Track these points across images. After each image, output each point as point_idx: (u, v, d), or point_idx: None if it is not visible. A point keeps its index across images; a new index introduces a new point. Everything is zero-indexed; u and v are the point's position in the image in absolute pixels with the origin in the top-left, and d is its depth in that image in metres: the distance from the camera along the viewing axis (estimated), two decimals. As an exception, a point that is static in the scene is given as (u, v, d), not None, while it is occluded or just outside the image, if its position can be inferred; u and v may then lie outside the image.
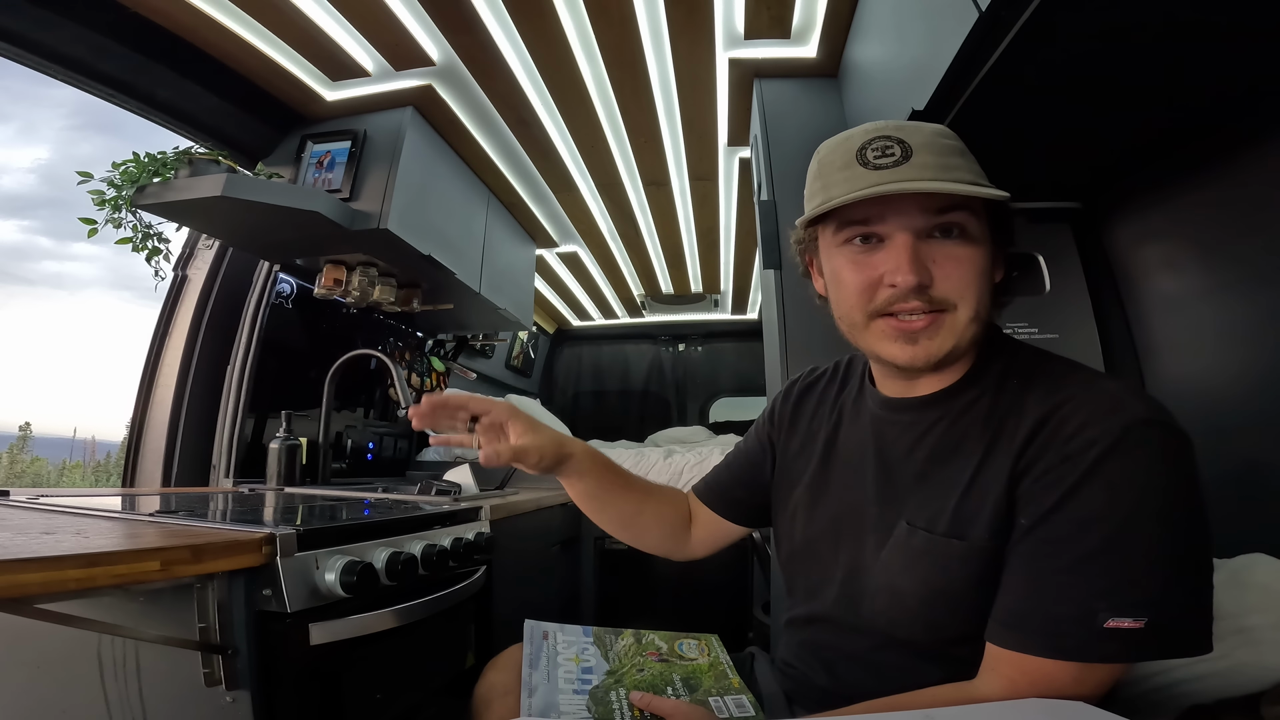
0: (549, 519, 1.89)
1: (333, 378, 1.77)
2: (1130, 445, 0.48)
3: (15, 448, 6.57)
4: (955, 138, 0.58)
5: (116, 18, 1.30)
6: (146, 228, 1.39)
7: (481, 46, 1.48)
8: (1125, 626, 0.45)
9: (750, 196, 2.15)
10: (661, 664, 0.73)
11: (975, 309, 0.56)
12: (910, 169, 0.54)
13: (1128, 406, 0.50)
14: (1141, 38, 0.79)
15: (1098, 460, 0.48)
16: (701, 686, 0.70)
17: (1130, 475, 0.48)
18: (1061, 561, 0.48)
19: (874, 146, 0.56)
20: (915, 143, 0.55)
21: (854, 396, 0.72)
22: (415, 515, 1.05)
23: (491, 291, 2.17)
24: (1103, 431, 0.49)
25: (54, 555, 0.52)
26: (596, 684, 0.69)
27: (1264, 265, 0.95)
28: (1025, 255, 1.34)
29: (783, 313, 1.38)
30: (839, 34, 1.43)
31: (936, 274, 0.55)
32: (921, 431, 0.61)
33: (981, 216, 0.56)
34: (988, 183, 0.55)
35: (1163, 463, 0.48)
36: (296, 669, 0.74)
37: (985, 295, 0.56)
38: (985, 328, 0.58)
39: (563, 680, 0.69)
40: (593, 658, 0.73)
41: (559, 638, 0.76)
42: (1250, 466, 0.96)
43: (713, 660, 0.75)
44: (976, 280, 0.55)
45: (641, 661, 0.73)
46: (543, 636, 0.75)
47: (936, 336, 0.56)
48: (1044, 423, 0.52)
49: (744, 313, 3.73)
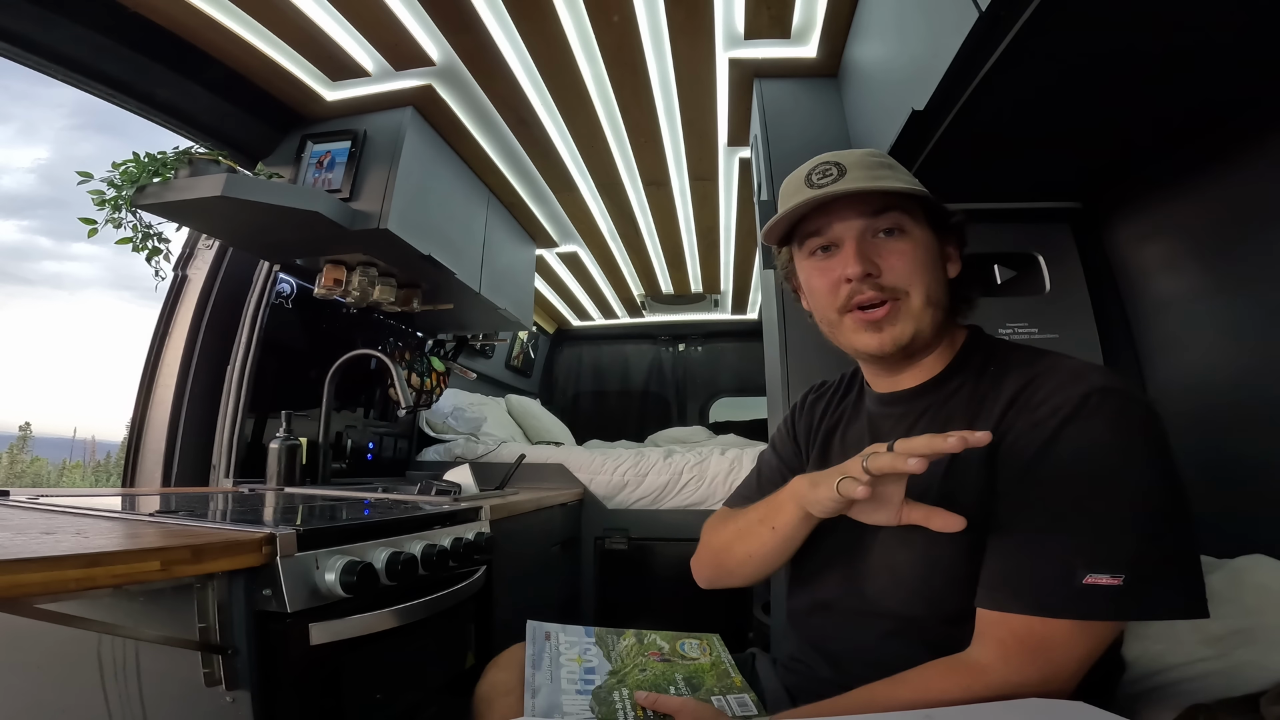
0: (549, 519, 1.89)
1: (333, 378, 1.77)
2: (1090, 410, 0.52)
3: (15, 448, 6.58)
4: (885, 156, 0.68)
5: (117, 18, 1.30)
6: (146, 228, 1.39)
7: (481, 46, 1.48)
8: (1104, 583, 0.48)
9: (750, 196, 2.15)
10: (664, 664, 0.73)
11: (925, 294, 0.64)
12: (844, 183, 0.64)
13: (1088, 378, 0.55)
14: (1141, 37, 0.79)
15: (1061, 424, 0.53)
16: (704, 686, 0.70)
17: (1091, 437, 0.52)
18: (1036, 522, 0.52)
19: (817, 170, 0.67)
20: (849, 162, 0.65)
21: (854, 399, 0.79)
22: (415, 515, 1.05)
23: (491, 291, 2.17)
24: (1065, 399, 0.54)
25: (54, 555, 0.52)
26: (599, 684, 0.69)
27: (1264, 265, 0.94)
28: (1025, 255, 1.34)
29: (783, 313, 1.38)
30: (839, 34, 1.44)
31: (884, 266, 0.64)
32: (913, 420, 0.67)
33: (918, 217, 0.66)
34: (915, 187, 0.65)
35: (1123, 426, 0.52)
36: (296, 669, 0.74)
37: (935, 283, 0.65)
38: (946, 314, 0.67)
39: (565, 680, 0.69)
40: (595, 658, 0.73)
41: (561, 638, 0.76)
42: (1250, 466, 0.96)
43: (714, 660, 0.75)
44: (920, 269, 0.64)
45: (644, 661, 0.73)
46: (545, 637, 0.75)
47: (897, 322, 0.64)
48: (1016, 397, 0.58)
49: (744, 313, 3.73)
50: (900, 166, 0.69)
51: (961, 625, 0.56)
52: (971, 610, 0.56)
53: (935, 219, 0.67)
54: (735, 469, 2.20)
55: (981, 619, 0.54)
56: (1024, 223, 1.33)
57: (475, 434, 2.59)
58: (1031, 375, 0.58)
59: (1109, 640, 0.52)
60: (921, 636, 0.60)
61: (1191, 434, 1.04)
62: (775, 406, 1.42)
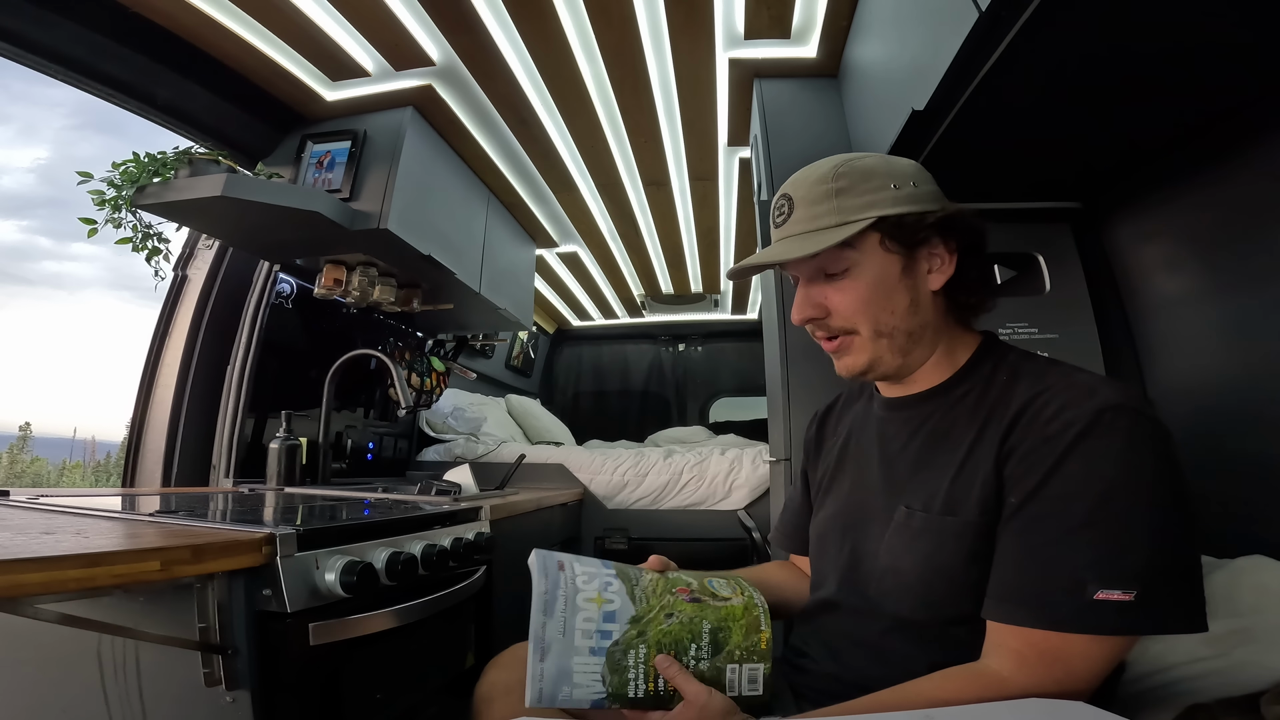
0: (549, 519, 1.89)
1: (333, 378, 1.77)
2: (1104, 427, 0.52)
3: (15, 448, 6.58)
4: (836, 178, 0.64)
5: (117, 18, 1.30)
6: (146, 228, 1.39)
7: (481, 47, 1.48)
8: (1115, 599, 0.48)
9: (750, 196, 2.15)
10: (693, 605, 0.63)
11: (873, 328, 0.64)
12: (789, 226, 0.65)
13: (1101, 393, 0.55)
14: (1141, 37, 0.79)
15: (1074, 440, 0.53)
16: (730, 643, 0.62)
17: (1104, 453, 0.52)
18: (1048, 536, 0.52)
19: (775, 206, 0.68)
20: (797, 197, 0.65)
21: (865, 407, 0.79)
22: (415, 515, 1.05)
23: (491, 291, 2.17)
24: (1078, 414, 0.54)
25: (54, 555, 0.52)
26: (617, 639, 0.60)
27: (1264, 265, 0.94)
28: (1025, 255, 1.34)
29: (783, 313, 1.38)
30: (839, 34, 1.44)
31: (830, 307, 0.65)
32: (918, 424, 0.67)
33: (872, 244, 0.64)
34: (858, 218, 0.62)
35: (1135, 443, 0.52)
36: (296, 669, 0.74)
37: (885, 312, 0.64)
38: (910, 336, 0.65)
39: (580, 634, 0.59)
40: (617, 596, 0.62)
41: (576, 569, 0.63)
42: (1250, 466, 0.96)
43: (747, 602, 0.65)
44: (863, 307, 0.64)
45: (671, 602, 0.63)
46: (558, 568, 0.62)
47: (850, 354, 0.67)
48: (1026, 408, 0.58)
49: (744, 313, 3.73)
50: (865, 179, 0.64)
51: (960, 626, 0.57)
52: (970, 614, 0.56)
53: (899, 235, 0.63)
54: (735, 469, 2.20)
55: (995, 631, 0.55)
56: (1024, 223, 1.33)
57: (475, 434, 2.59)
58: (1042, 387, 0.58)
59: (1125, 651, 0.53)
60: (921, 635, 0.61)
61: (1191, 434, 1.04)
62: (775, 406, 1.42)
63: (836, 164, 0.65)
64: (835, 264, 0.64)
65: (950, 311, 0.67)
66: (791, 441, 1.31)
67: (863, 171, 0.64)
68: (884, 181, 0.64)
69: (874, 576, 0.65)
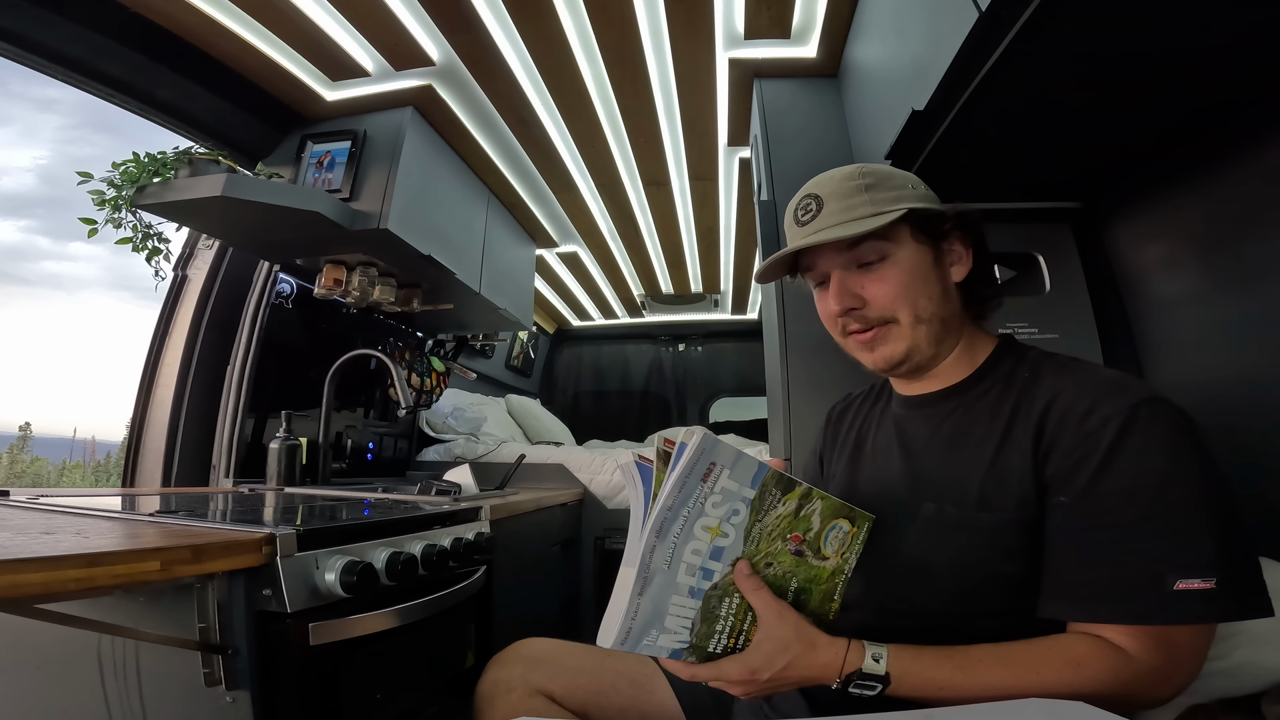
0: (549, 519, 1.89)
1: (333, 378, 1.77)
2: (1145, 421, 0.53)
3: (15, 448, 6.58)
4: (868, 174, 0.67)
5: (117, 18, 1.30)
6: (146, 228, 1.39)
7: (481, 46, 1.48)
8: (1195, 587, 0.49)
9: (750, 196, 2.15)
10: (794, 558, 0.58)
11: (914, 314, 0.65)
12: (821, 220, 0.66)
13: (1131, 387, 0.56)
14: (1141, 37, 0.79)
15: (1118, 435, 0.53)
16: (806, 606, 0.59)
17: (1153, 445, 0.52)
18: (1115, 533, 0.52)
19: (800, 205, 0.69)
20: (826, 193, 0.67)
21: (882, 406, 0.81)
22: (415, 515, 1.05)
23: (491, 291, 2.17)
24: (1114, 410, 0.54)
25: (54, 555, 0.52)
26: (716, 581, 0.53)
27: (1263, 265, 0.94)
28: (1025, 255, 1.34)
29: (783, 313, 1.38)
30: (839, 34, 1.43)
31: (867, 297, 0.66)
32: (939, 421, 0.68)
33: (903, 235, 0.66)
34: (892, 208, 0.64)
35: (1176, 434, 0.53)
36: (296, 669, 0.74)
37: (926, 300, 0.66)
38: (944, 324, 0.67)
39: (684, 569, 0.52)
40: (733, 530, 0.54)
41: (723, 481, 0.52)
42: (1250, 466, 0.96)
43: (836, 567, 0.60)
44: (905, 292, 0.65)
45: (779, 550, 0.57)
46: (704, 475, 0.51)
47: (888, 342, 0.67)
48: (1053, 404, 0.58)
49: (744, 313, 3.73)
50: (887, 178, 0.68)
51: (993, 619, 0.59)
52: (1000, 608, 0.58)
53: (927, 227, 0.67)
54: (735, 469, 2.19)
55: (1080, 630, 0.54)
56: (1024, 223, 1.33)
57: (475, 434, 2.59)
58: (1067, 384, 0.59)
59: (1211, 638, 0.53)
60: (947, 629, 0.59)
61: (1191, 434, 1.03)
62: (775, 406, 1.42)
63: (857, 166, 0.69)
64: (872, 254, 0.66)
65: (968, 307, 0.70)
66: (792, 441, 1.31)
67: (883, 173, 0.68)
68: (903, 181, 0.68)
69: (897, 573, 0.64)
